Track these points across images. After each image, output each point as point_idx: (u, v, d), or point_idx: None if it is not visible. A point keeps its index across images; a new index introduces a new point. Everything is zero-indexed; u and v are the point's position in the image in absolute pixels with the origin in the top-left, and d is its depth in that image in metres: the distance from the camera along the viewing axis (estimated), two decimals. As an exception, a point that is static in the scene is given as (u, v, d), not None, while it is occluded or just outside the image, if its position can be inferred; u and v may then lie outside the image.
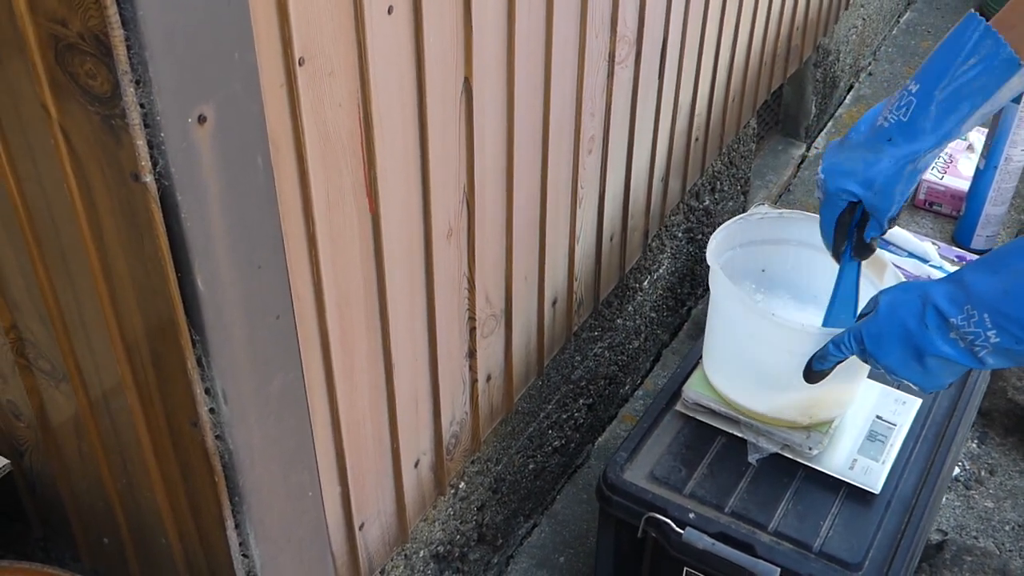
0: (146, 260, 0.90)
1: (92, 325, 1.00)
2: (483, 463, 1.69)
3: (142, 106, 0.81)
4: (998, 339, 1.10)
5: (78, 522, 1.22)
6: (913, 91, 1.22)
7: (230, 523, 1.08)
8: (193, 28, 0.82)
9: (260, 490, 1.08)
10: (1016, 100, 2.35)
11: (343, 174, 1.09)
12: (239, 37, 0.86)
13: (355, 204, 1.12)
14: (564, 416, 1.96)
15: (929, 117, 1.21)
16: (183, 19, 0.81)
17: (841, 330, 1.31)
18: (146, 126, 0.82)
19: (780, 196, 2.83)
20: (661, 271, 2.21)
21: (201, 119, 0.86)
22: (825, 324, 1.44)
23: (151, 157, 0.84)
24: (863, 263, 1.41)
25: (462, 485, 1.64)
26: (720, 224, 1.61)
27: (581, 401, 2.01)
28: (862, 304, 1.41)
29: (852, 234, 1.34)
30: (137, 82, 0.80)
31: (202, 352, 0.96)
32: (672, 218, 2.17)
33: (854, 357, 1.30)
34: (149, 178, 0.85)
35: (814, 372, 1.35)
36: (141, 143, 0.83)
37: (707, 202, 2.35)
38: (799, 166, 2.96)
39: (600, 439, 2.15)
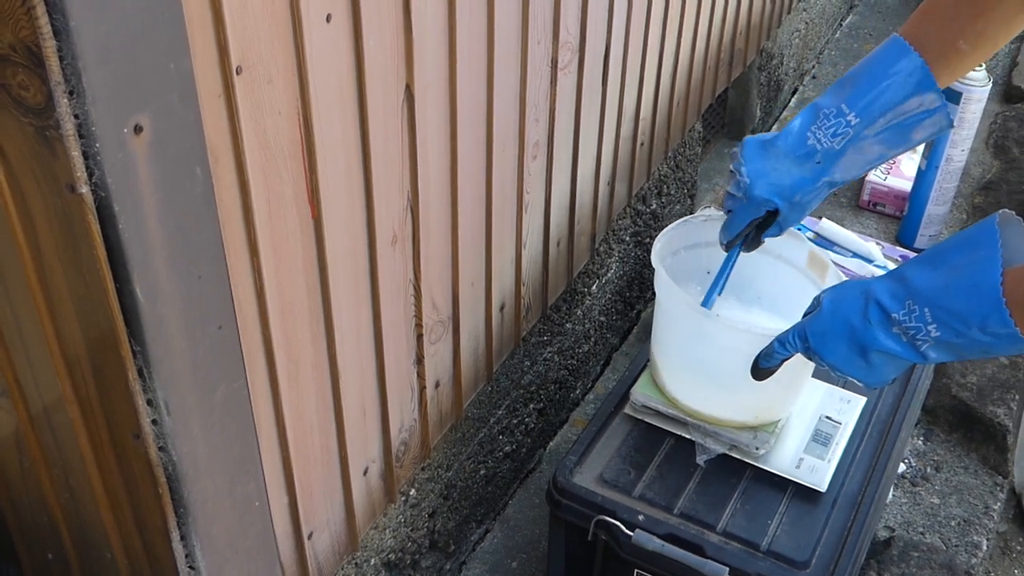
0: (84, 272, 0.90)
1: (31, 338, 0.99)
2: (433, 470, 1.69)
3: (76, 117, 0.81)
4: (939, 333, 1.12)
5: (21, 538, 1.21)
6: (852, 123, 1.28)
7: (175, 535, 1.07)
8: (127, 38, 0.81)
9: (205, 501, 1.08)
10: (954, 101, 2.38)
11: (284, 182, 1.09)
12: (174, 47, 0.86)
13: (297, 212, 1.12)
14: (515, 421, 1.96)
15: (860, 151, 1.31)
16: (117, 29, 0.80)
17: (787, 328, 1.32)
18: (81, 137, 0.82)
19: (727, 199, 2.84)
20: (609, 275, 2.22)
21: (137, 129, 0.85)
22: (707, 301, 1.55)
23: (87, 168, 0.83)
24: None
25: (413, 492, 1.64)
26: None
27: (531, 406, 2.01)
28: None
29: (748, 232, 1.46)
30: (71, 93, 0.80)
31: (143, 363, 0.95)
32: (619, 222, 2.18)
33: (799, 356, 1.31)
34: (85, 189, 0.84)
35: (761, 370, 1.37)
36: (76, 154, 0.82)
37: (654, 206, 2.36)
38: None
39: (551, 443, 2.16)
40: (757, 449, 1.54)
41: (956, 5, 1.25)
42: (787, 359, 1.33)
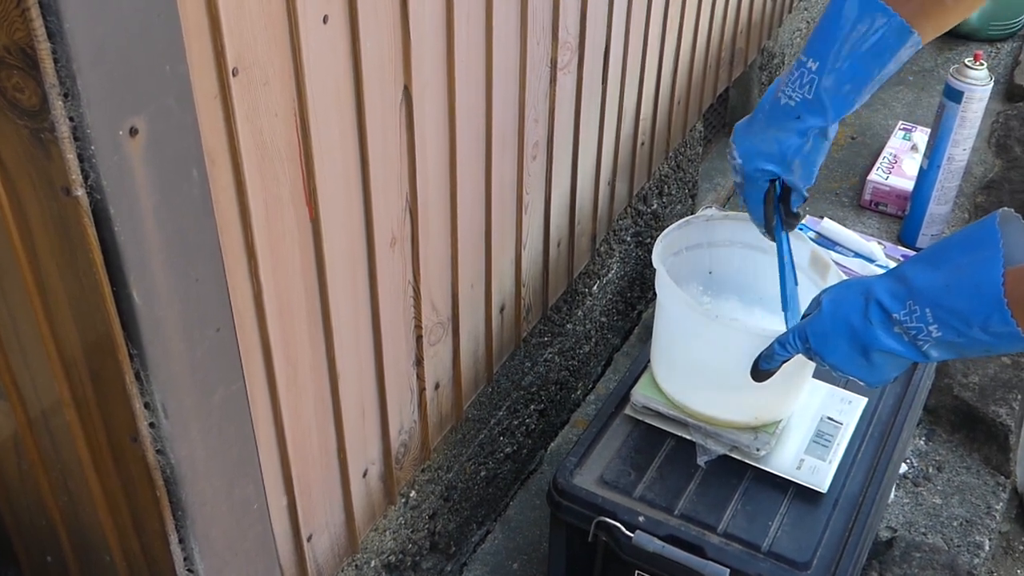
0: (80, 275, 0.89)
1: (28, 342, 0.98)
2: (434, 471, 1.68)
3: (71, 119, 0.81)
4: (940, 333, 1.12)
5: (20, 541, 1.21)
6: (813, 68, 1.28)
7: (174, 538, 1.07)
8: (122, 41, 0.81)
9: (204, 504, 1.08)
10: (956, 99, 2.38)
11: (281, 184, 1.08)
12: (170, 49, 0.86)
13: (295, 214, 1.12)
14: (515, 422, 1.96)
15: (831, 92, 1.28)
16: (112, 31, 0.80)
17: (784, 330, 1.32)
18: (76, 139, 0.82)
19: (728, 199, 2.84)
20: (610, 276, 2.22)
21: (133, 132, 0.85)
22: (784, 300, 1.48)
23: (82, 171, 0.83)
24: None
25: (413, 494, 1.64)
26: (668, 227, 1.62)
27: (532, 407, 2.01)
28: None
29: (779, 208, 1.42)
30: (66, 95, 0.79)
31: (140, 367, 0.95)
32: (620, 222, 2.18)
33: (800, 357, 1.31)
34: (81, 192, 0.84)
35: (761, 371, 1.36)
36: (71, 157, 0.82)
37: (655, 206, 2.36)
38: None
39: (552, 444, 2.15)
40: (758, 450, 1.53)
41: None
42: (788, 360, 1.33)
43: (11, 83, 0.80)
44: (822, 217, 2.55)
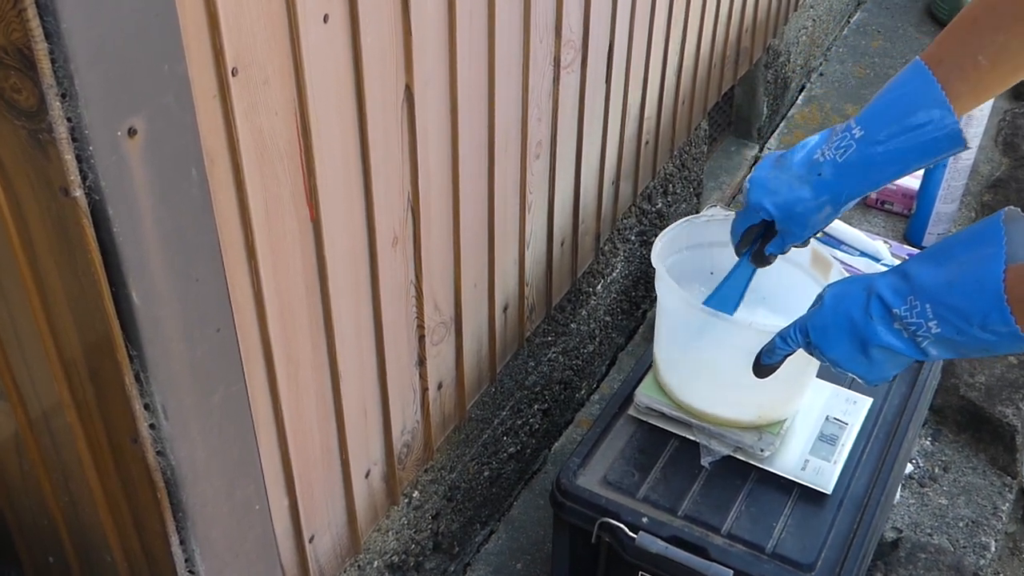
0: (79, 275, 0.89)
1: (28, 342, 0.98)
2: (437, 471, 1.68)
3: (69, 120, 0.80)
4: (939, 329, 1.11)
5: (22, 541, 1.21)
6: (856, 136, 1.26)
7: (174, 539, 1.07)
8: (120, 41, 0.81)
9: (204, 505, 1.07)
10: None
11: (281, 183, 1.08)
12: (169, 49, 0.86)
13: (295, 213, 1.12)
14: (519, 422, 1.95)
15: (862, 167, 1.26)
16: (110, 32, 0.80)
17: (791, 324, 1.31)
18: (74, 140, 0.81)
19: (734, 198, 2.84)
20: (614, 275, 2.21)
21: (131, 132, 0.85)
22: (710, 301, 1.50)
23: (80, 171, 0.83)
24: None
25: (416, 494, 1.63)
26: (671, 227, 1.62)
27: (536, 407, 2.00)
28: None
29: (756, 243, 1.42)
30: (63, 96, 0.79)
31: (140, 367, 0.95)
32: (624, 221, 2.17)
33: (802, 353, 1.30)
34: (79, 192, 0.84)
35: (763, 366, 1.36)
36: (69, 157, 0.82)
37: (660, 205, 2.35)
38: (752, 167, 2.97)
39: (556, 444, 2.15)
40: (762, 451, 1.53)
41: (976, 19, 1.23)
42: (789, 355, 1.32)
43: (8, 84, 0.80)
44: (828, 216, 2.54)
